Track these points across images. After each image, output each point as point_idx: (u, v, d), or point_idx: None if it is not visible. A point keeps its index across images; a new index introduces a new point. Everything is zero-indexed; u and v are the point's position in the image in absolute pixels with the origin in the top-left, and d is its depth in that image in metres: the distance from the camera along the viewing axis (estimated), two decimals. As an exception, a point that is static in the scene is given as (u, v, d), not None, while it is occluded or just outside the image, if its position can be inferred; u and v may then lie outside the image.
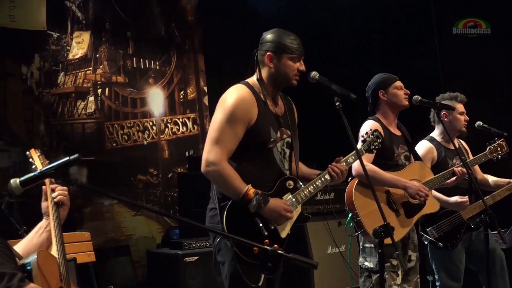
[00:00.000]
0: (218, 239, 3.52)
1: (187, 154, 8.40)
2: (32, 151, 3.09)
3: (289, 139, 3.70)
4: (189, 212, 7.02)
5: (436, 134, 5.54)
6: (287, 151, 3.69)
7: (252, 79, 3.65)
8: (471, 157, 5.44)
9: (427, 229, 5.29)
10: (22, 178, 2.52)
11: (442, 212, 5.24)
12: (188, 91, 9.90)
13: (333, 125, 4.53)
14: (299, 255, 2.58)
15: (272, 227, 3.52)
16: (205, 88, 9.96)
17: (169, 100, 9.64)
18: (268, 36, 3.63)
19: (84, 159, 8.43)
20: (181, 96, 9.81)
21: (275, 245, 3.39)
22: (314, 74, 3.63)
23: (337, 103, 3.52)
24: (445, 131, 5.33)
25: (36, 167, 2.91)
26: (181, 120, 9.70)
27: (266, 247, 2.51)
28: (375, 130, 4.04)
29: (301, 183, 3.69)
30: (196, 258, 6.25)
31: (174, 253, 6.38)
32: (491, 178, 5.66)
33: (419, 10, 8.73)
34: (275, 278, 2.61)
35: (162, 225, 9.08)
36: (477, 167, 5.59)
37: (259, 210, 3.41)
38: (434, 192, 5.04)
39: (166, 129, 9.53)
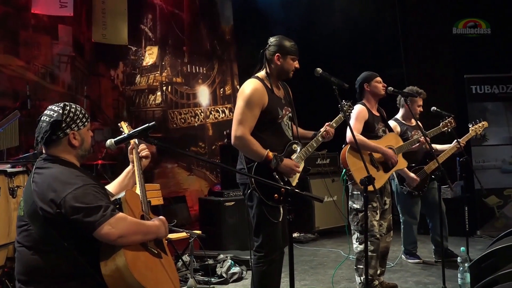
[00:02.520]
0: (249, 191, 3.45)
1: (225, 133, 8.37)
2: (122, 123, 3.07)
3: (290, 114, 3.64)
4: (227, 172, 6.99)
5: (399, 115, 5.54)
6: (289, 123, 3.63)
7: (261, 73, 3.57)
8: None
9: (405, 183, 5.37)
10: (116, 139, 2.50)
11: (413, 170, 5.29)
12: (226, 88, 9.88)
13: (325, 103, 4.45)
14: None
15: (286, 179, 3.47)
16: (238, 86, 9.91)
17: (213, 95, 9.63)
18: (276, 41, 3.55)
19: (154, 135, 8.44)
20: (221, 92, 9.79)
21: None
22: (318, 70, 3.57)
23: (335, 90, 3.46)
24: (406, 113, 5.44)
25: (124, 133, 2.88)
26: (221, 109, 9.68)
27: (287, 187, 2.47)
28: (348, 101, 3.95)
29: (301, 145, 3.63)
30: (232, 203, 6.24)
31: (217, 200, 6.37)
32: (440, 146, 5.60)
33: (389, 31, 8.61)
34: (292, 209, 2.55)
35: (208, 182, 9.12)
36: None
37: (277, 167, 3.37)
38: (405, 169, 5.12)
39: (211, 115, 9.53)
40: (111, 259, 2.22)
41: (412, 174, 5.24)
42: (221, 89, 9.80)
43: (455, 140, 5.23)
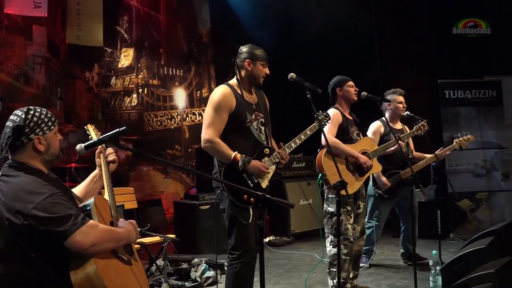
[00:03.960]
0: (219, 191, 3.49)
1: (201, 135, 8.35)
2: (89, 126, 3.03)
3: (262, 119, 3.67)
4: (203, 175, 6.95)
5: (386, 116, 5.52)
6: (262, 128, 3.66)
7: (232, 80, 3.66)
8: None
9: (377, 185, 5.40)
10: (86, 143, 2.47)
11: (388, 173, 5.33)
12: (203, 91, 9.87)
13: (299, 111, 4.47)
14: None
15: (256, 180, 3.50)
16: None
17: (189, 97, 9.62)
18: (246, 49, 3.64)
19: (129, 138, 8.40)
20: (198, 95, 9.77)
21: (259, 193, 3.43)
22: (292, 75, 3.61)
23: (308, 95, 3.49)
24: (391, 115, 5.52)
25: (91, 137, 2.85)
26: (197, 111, 9.65)
27: (258, 192, 2.48)
28: (325, 111, 3.97)
29: (274, 150, 3.65)
30: (208, 207, 6.20)
31: (192, 203, 6.34)
32: (424, 154, 5.66)
33: (365, 34, 8.69)
34: (263, 215, 2.56)
35: (184, 184, 9.09)
36: (412, 147, 5.63)
37: (245, 168, 3.41)
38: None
39: (187, 118, 9.50)
40: (82, 267, 2.19)
41: (384, 179, 5.26)
42: (198, 92, 9.78)
43: (440, 148, 5.34)
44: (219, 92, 3.51)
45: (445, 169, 7.24)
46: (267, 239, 7.14)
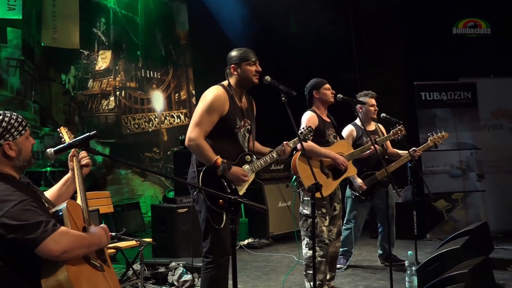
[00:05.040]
0: (195, 193, 3.49)
1: (180, 138, 8.33)
2: (62, 128, 2.96)
3: (249, 127, 3.68)
4: (178, 180, 6.95)
5: (358, 120, 5.57)
6: (247, 135, 3.67)
7: (226, 82, 3.62)
8: (385, 135, 5.50)
9: (353, 187, 5.43)
10: (55, 148, 2.45)
11: (364, 174, 5.37)
12: (181, 93, 9.86)
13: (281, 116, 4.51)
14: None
15: (233, 187, 3.49)
16: (193, 92, 9.92)
17: (167, 100, 9.60)
18: (230, 54, 3.64)
19: (107, 141, 8.35)
20: (176, 97, 9.76)
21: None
22: (267, 78, 3.61)
23: (283, 99, 3.49)
24: (364, 117, 5.51)
25: (65, 140, 2.82)
26: (176, 114, 9.65)
27: (229, 196, 2.48)
28: (309, 127, 4.02)
29: (255, 158, 3.66)
30: (185, 210, 6.18)
31: (170, 207, 6.31)
32: (399, 151, 5.69)
33: (342, 36, 8.77)
34: (236, 219, 2.56)
35: (163, 187, 9.06)
36: (388, 144, 5.65)
37: (224, 174, 3.40)
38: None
39: (165, 120, 9.48)
40: (53, 275, 2.16)
41: (359, 181, 5.28)
42: (176, 94, 9.76)
43: (412, 149, 5.37)
44: (214, 92, 3.48)
45: (421, 170, 7.34)
46: (245, 242, 7.15)
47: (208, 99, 3.45)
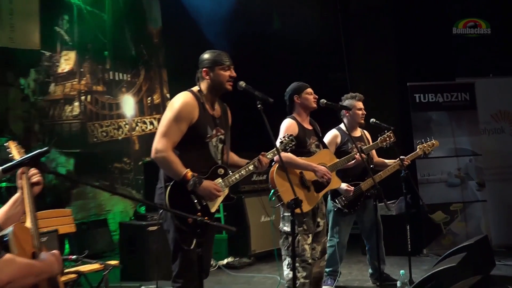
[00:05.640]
0: (162, 212, 3.49)
1: (153, 147, 8.32)
2: (10, 142, 2.94)
3: (222, 136, 3.68)
4: (153, 192, 6.89)
5: (343, 125, 5.55)
6: (220, 146, 3.66)
7: (196, 88, 3.63)
8: (371, 143, 5.51)
9: (336, 199, 5.40)
10: (4, 166, 2.42)
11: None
12: (154, 97, 9.84)
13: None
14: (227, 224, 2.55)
15: (204, 203, 3.48)
16: (168, 95, 9.91)
17: (139, 104, 9.57)
18: (201, 57, 3.64)
19: (71, 151, 8.29)
20: (149, 102, 9.74)
21: (206, 218, 3.41)
22: (241, 83, 3.61)
23: (259, 106, 3.50)
24: (350, 122, 5.52)
25: (13, 156, 2.79)
26: (148, 120, 9.62)
27: (195, 217, 2.47)
28: (290, 135, 4.02)
29: (229, 171, 3.66)
30: (157, 227, 6.14)
31: (140, 224, 6.27)
32: (386, 160, 5.71)
33: (332, 34, 8.83)
34: (204, 241, 2.55)
35: (134, 202, 9.00)
36: (373, 152, 5.66)
37: (194, 189, 3.38)
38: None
39: (137, 127, 9.45)
40: (-2, 308, 2.15)
41: (344, 184, 5.21)
42: (149, 98, 9.74)
43: (399, 158, 5.39)
44: (182, 99, 3.48)
45: (416, 179, 7.38)
46: (225, 261, 7.12)
47: (176, 107, 3.45)
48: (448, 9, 8.09)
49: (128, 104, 9.37)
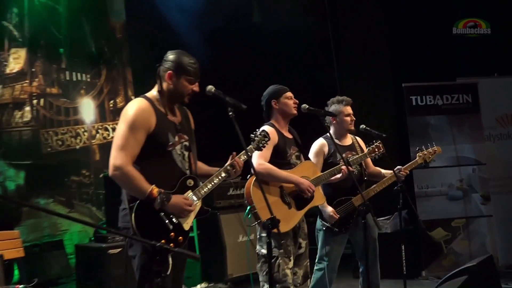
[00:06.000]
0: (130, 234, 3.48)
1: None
2: None
3: (187, 143, 3.69)
4: (115, 210, 6.88)
5: (331, 132, 5.50)
6: (186, 153, 3.67)
7: (151, 93, 3.65)
8: (365, 152, 5.52)
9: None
10: None
11: (337, 201, 5.30)
12: (117, 100, 9.80)
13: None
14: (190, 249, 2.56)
15: (176, 221, 3.48)
16: (133, 97, 9.76)
17: (100, 109, 9.52)
18: (172, 56, 3.62)
19: (22, 163, 8.24)
20: (111, 105, 9.70)
21: (180, 237, 3.44)
22: (210, 88, 3.63)
23: (230, 113, 3.52)
24: (338, 129, 5.51)
25: None
26: (111, 126, 9.57)
27: (152, 242, 2.48)
28: (263, 130, 4.08)
29: (200, 182, 3.68)
30: (119, 250, 6.13)
31: (99, 246, 6.25)
32: (382, 170, 5.72)
33: (318, 29, 8.90)
34: (161, 271, 2.55)
35: (94, 220, 8.97)
36: (369, 161, 5.68)
37: (163, 207, 3.39)
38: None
39: (97, 135, 9.41)
40: None
41: (329, 209, 5.20)
42: (111, 102, 9.71)
43: (397, 168, 5.41)
44: (135, 106, 3.49)
45: (413, 191, 7.44)
46: (198, 287, 7.12)
47: (129, 115, 3.47)
48: (448, 9, 8.27)
49: (87, 108, 9.33)
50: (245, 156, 3.81)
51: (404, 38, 8.45)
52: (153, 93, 3.64)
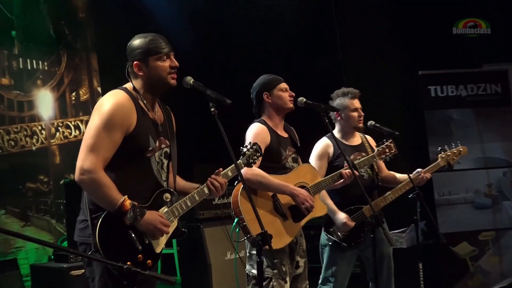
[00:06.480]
0: (89, 253, 3.48)
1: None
2: None
3: (167, 149, 3.70)
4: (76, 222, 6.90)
5: (336, 130, 5.61)
6: (165, 162, 3.68)
7: (130, 85, 3.63)
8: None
9: (331, 229, 5.36)
10: None
11: (345, 210, 5.30)
12: (81, 92, 9.79)
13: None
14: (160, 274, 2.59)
15: (147, 241, 3.49)
16: (99, 89, 9.86)
17: (60, 102, 9.49)
18: (131, 45, 3.62)
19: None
20: (73, 98, 9.68)
21: (149, 261, 3.46)
22: (189, 79, 3.63)
23: (212, 109, 3.53)
24: (344, 127, 5.55)
25: None
26: (73, 123, 9.57)
27: (120, 264, 2.51)
28: (255, 144, 4.08)
29: (178, 196, 3.68)
30: (82, 271, 6.13)
31: (59, 267, 6.26)
32: (398, 175, 5.72)
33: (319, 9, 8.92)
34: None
35: (54, 235, 8.95)
36: (381, 165, 5.68)
37: (134, 223, 3.38)
38: (327, 200, 5.18)
39: (57, 133, 9.39)
40: None
41: (342, 215, 5.21)
42: (73, 94, 9.69)
43: (416, 171, 5.43)
44: (113, 100, 3.48)
45: (433, 199, 7.46)
46: (178, 313, 7.15)
47: (105, 110, 3.45)
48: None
49: (45, 102, 9.30)
50: (231, 173, 3.84)
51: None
52: (132, 85, 3.63)
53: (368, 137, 5.77)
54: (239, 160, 3.94)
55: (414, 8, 8.38)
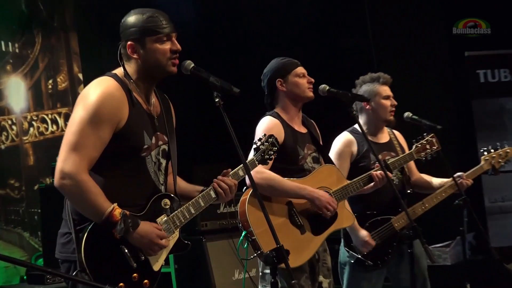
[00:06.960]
0: (74, 273, 3.47)
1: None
2: None
3: (165, 147, 3.68)
4: (55, 234, 6.91)
5: (361, 124, 5.38)
6: (163, 162, 3.67)
7: (121, 71, 3.60)
8: (407, 152, 5.49)
9: (352, 244, 5.32)
10: None
11: (370, 222, 5.31)
12: (59, 79, 9.80)
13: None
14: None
15: (143, 258, 3.47)
16: (80, 75, 9.88)
17: (34, 91, 9.51)
18: (126, 22, 3.57)
19: None
20: (50, 86, 9.70)
21: (146, 280, 3.46)
22: (188, 63, 3.59)
23: (216, 99, 3.47)
24: (370, 120, 5.52)
25: None
26: (50, 116, 9.59)
27: (107, 287, 2.50)
28: (271, 136, 4.05)
29: (179, 202, 3.67)
30: (62, 292, 6.17)
31: (32, 290, 6.28)
32: (434, 180, 5.70)
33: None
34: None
35: (27, 251, 8.97)
36: (412, 166, 5.66)
37: (126, 236, 3.35)
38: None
39: (31, 129, 9.41)
40: None
41: (363, 233, 5.22)
42: (50, 81, 9.72)
43: (457, 175, 5.42)
44: (101, 89, 3.46)
45: (483, 207, 7.44)
46: None
47: (92, 101, 3.43)
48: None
49: (15, 91, 9.34)
50: (243, 173, 3.82)
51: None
52: (123, 70, 3.62)
53: (396, 132, 5.74)
54: (253, 157, 3.91)
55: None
